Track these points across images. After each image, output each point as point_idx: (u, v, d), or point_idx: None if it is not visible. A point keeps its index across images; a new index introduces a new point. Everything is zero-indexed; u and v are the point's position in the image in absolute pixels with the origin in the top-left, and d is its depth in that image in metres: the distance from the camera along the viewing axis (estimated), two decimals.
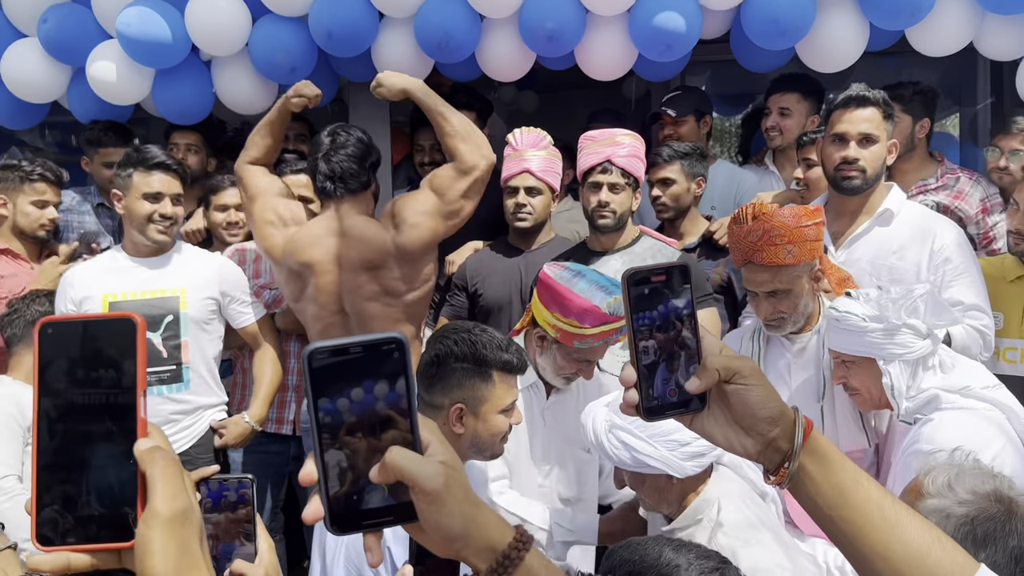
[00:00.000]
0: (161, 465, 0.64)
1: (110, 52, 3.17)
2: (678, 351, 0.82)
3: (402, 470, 0.66)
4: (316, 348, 0.65)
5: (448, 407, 1.76)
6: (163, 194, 2.65)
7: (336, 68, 3.40)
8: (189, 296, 2.71)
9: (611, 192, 2.60)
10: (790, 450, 0.82)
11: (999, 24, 2.96)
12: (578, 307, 2.02)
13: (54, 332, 0.66)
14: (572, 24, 2.98)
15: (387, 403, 0.67)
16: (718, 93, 4.21)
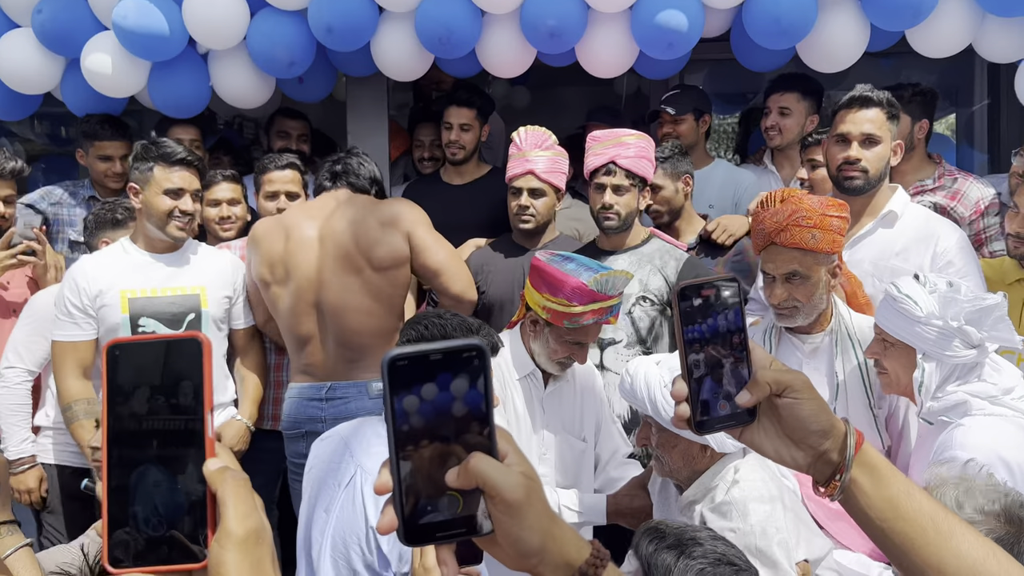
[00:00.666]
0: (232, 485, 0.64)
1: (105, 44, 3.12)
2: (728, 364, 0.82)
3: (484, 477, 0.64)
4: (396, 355, 0.64)
5: None
6: (184, 190, 2.62)
7: (335, 63, 3.37)
8: (209, 294, 2.71)
9: (615, 194, 2.59)
10: (841, 463, 0.82)
11: (999, 26, 2.96)
12: (566, 285, 2.09)
13: (122, 353, 0.66)
14: (574, 21, 2.97)
15: (466, 410, 0.66)
16: (716, 92, 4.20)
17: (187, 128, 3.38)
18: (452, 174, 3.46)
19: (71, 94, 3.33)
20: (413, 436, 0.65)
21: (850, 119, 2.49)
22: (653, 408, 1.76)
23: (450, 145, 3.37)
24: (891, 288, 1.92)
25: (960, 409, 1.83)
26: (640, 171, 2.60)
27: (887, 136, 2.48)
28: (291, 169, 3.02)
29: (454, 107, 3.34)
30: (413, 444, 0.65)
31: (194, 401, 0.66)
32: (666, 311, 2.58)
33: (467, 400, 0.66)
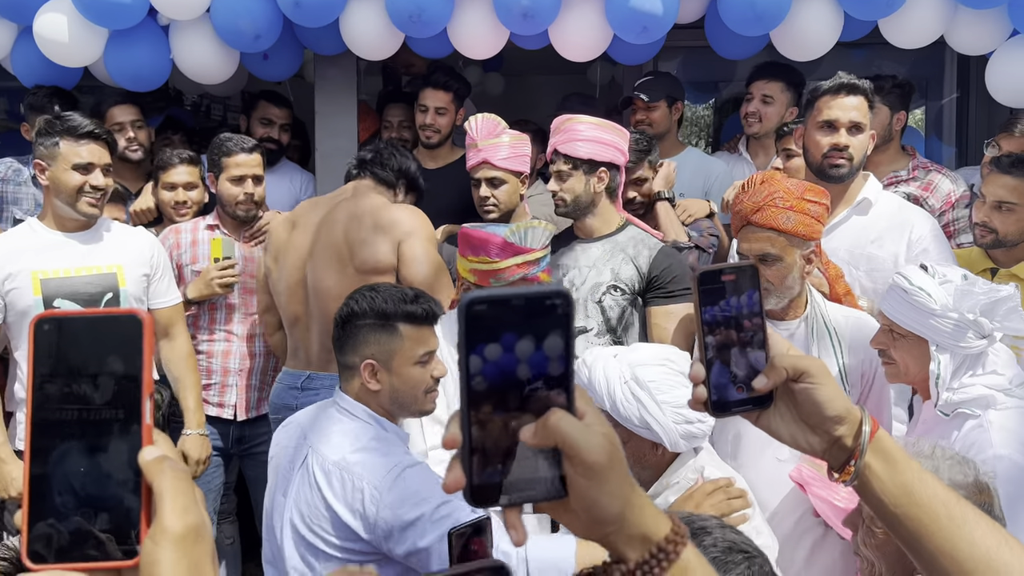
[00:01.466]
0: (171, 476, 0.58)
1: (61, 9, 3.01)
2: (746, 349, 0.83)
3: (564, 435, 0.59)
4: (475, 297, 0.59)
5: (360, 365, 1.81)
6: (94, 164, 2.50)
7: (302, 39, 3.29)
8: (126, 272, 2.62)
9: (558, 180, 2.56)
10: (856, 448, 0.82)
11: (971, 18, 2.99)
12: (487, 243, 2.13)
13: (51, 328, 0.59)
14: (548, 1, 2.92)
15: (545, 363, 0.60)
16: (689, 80, 4.19)
17: (128, 108, 3.25)
18: (425, 157, 3.40)
19: (22, 64, 3.21)
20: (487, 389, 0.60)
21: (837, 105, 2.48)
22: (611, 404, 1.72)
23: (425, 128, 3.31)
24: (901, 280, 1.88)
25: (982, 402, 1.82)
26: (582, 154, 2.53)
27: (868, 124, 2.50)
28: (256, 152, 2.93)
29: (430, 89, 3.28)
30: (486, 398, 0.60)
31: (131, 384, 0.60)
32: (637, 301, 2.55)
33: (547, 352, 0.60)
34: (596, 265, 2.55)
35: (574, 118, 2.59)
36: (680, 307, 2.50)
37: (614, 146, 2.59)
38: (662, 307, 2.50)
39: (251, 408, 2.98)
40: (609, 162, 2.57)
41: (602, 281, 2.52)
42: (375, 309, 1.80)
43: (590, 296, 2.52)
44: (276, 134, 3.52)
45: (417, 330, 1.83)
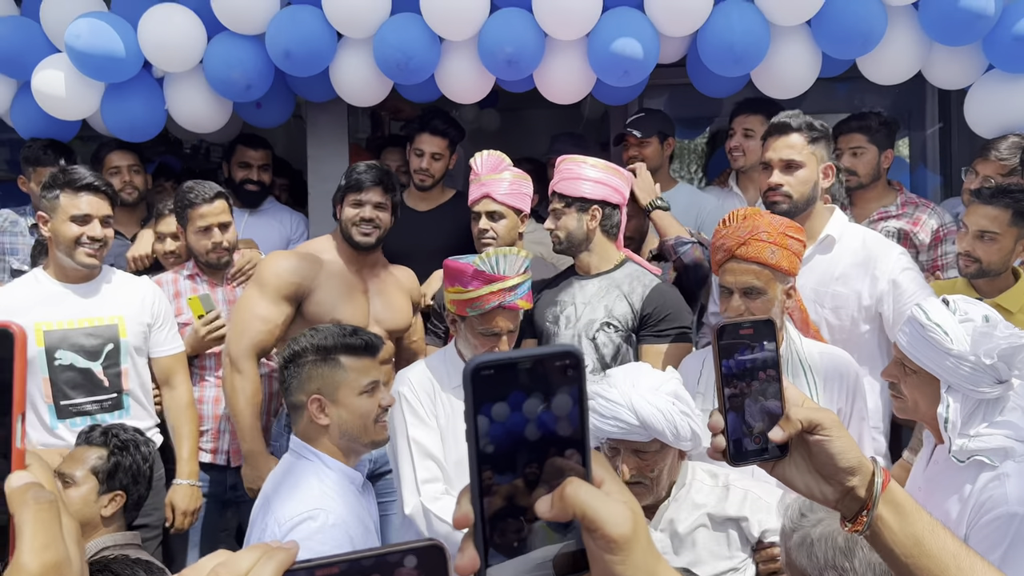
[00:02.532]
0: (33, 508, 0.54)
1: (58, 65, 3.09)
2: (762, 401, 0.87)
3: (584, 507, 0.55)
4: (481, 362, 0.56)
5: (306, 401, 1.85)
6: (92, 216, 2.56)
7: (293, 87, 3.36)
8: (127, 323, 2.66)
9: (553, 218, 2.63)
10: (868, 499, 0.85)
11: (946, 55, 3.04)
12: (461, 273, 2.18)
13: None
14: (531, 48, 2.99)
15: (558, 428, 0.57)
16: (676, 116, 4.24)
17: (125, 154, 3.32)
18: (416, 199, 3.45)
19: (21, 117, 3.28)
20: (497, 458, 0.56)
21: (770, 146, 2.54)
22: (674, 433, 1.81)
23: (419, 172, 3.36)
24: (919, 313, 1.78)
25: (1000, 453, 1.72)
26: (574, 192, 2.58)
27: (811, 160, 2.50)
28: (220, 199, 2.89)
29: (427, 135, 3.32)
30: (497, 468, 0.56)
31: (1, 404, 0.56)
32: (631, 338, 2.57)
33: (558, 415, 0.57)
34: (591, 302, 2.58)
35: (570, 158, 2.64)
36: (669, 348, 2.52)
37: (609, 185, 2.63)
38: (653, 347, 2.52)
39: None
40: (603, 200, 2.61)
41: (596, 318, 2.54)
42: (316, 345, 1.86)
43: (584, 333, 2.54)
44: (256, 175, 3.55)
45: (359, 361, 1.88)
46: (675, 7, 2.91)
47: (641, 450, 1.85)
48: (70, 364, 2.56)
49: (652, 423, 1.80)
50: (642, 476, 1.86)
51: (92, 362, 2.60)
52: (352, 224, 2.71)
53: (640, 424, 1.80)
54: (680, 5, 2.91)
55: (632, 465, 1.85)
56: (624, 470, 1.84)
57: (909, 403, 1.86)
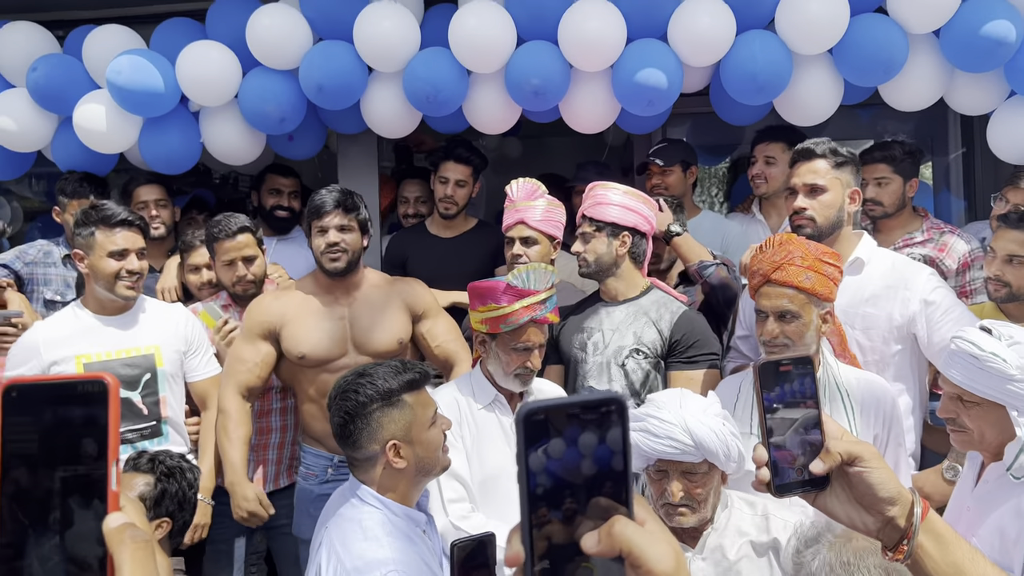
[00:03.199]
0: (131, 548, 0.59)
1: (98, 101, 3.19)
2: (803, 433, 0.91)
3: (631, 544, 0.58)
4: (532, 408, 0.59)
5: (383, 450, 1.81)
6: (128, 250, 2.64)
7: (325, 120, 3.45)
8: (163, 352, 2.73)
9: (582, 241, 2.67)
10: (908, 529, 0.88)
11: (968, 81, 3.06)
12: (493, 291, 2.24)
13: (19, 396, 0.61)
14: (557, 80, 3.05)
15: (604, 470, 0.60)
16: (698, 144, 4.28)
17: (152, 188, 3.40)
18: (440, 227, 3.52)
19: (61, 151, 3.38)
20: (547, 498, 0.59)
21: (795, 172, 2.58)
22: (726, 454, 1.85)
23: (444, 200, 3.42)
24: (967, 346, 1.77)
25: None
26: (606, 217, 2.63)
27: (835, 184, 2.54)
28: (243, 234, 2.95)
29: (452, 162, 3.40)
30: (547, 507, 0.59)
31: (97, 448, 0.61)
32: (660, 364, 2.59)
33: (604, 459, 0.60)
34: (619, 328, 2.60)
35: (603, 184, 2.70)
36: (699, 374, 2.54)
37: (640, 213, 2.68)
38: (683, 373, 2.55)
39: (269, 482, 3.01)
40: (633, 227, 2.65)
41: (625, 344, 2.57)
42: (379, 392, 1.82)
43: (613, 359, 2.57)
44: (286, 202, 3.65)
45: (419, 394, 1.87)
46: (698, 38, 2.97)
47: (690, 471, 1.87)
48: None
49: (706, 443, 1.83)
50: (690, 498, 1.87)
51: (131, 391, 2.65)
52: (320, 253, 2.74)
53: (694, 444, 1.83)
54: (703, 36, 2.96)
55: (681, 487, 1.87)
56: (674, 491, 1.86)
57: (975, 435, 1.83)
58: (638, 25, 3.02)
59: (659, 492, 1.90)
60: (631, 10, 2.99)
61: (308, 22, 3.16)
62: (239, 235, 2.92)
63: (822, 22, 2.91)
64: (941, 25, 2.96)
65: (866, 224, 3.26)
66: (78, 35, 3.36)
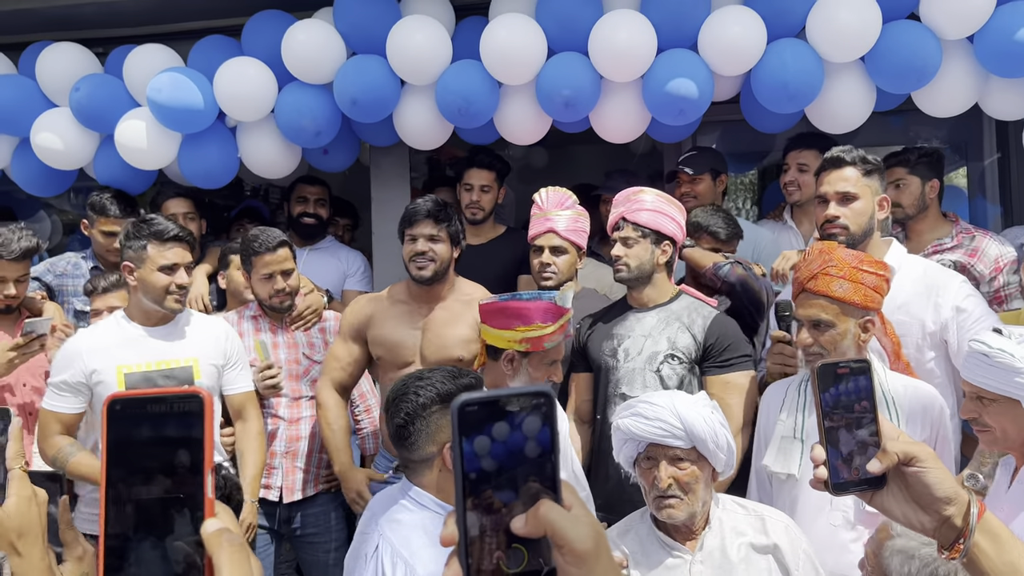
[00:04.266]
0: (228, 550, 0.64)
1: (139, 118, 3.28)
2: (860, 434, 0.94)
3: (555, 525, 0.63)
4: (466, 400, 0.64)
5: (440, 452, 1.84)
6: (178, 265, 2.70)
7: (358, 133, 3.51)
8: (201, 365, 2.77)
9: (623, 246, 2.65)
10: (965, 528, 0.90)
11: (1003, 86, 3.03)
12: (535, 311, 2.27)
13: (122, 409, 0.66)
14: (588, 90, 3.08)
15: (532, 458, 0.65)
16: (729, 152, 4.28)
17: (182, 201, 3.47)
18: (469, 234, 3.53)
19: (103, 168, 3.46)
20: (480, 484, 0.64)
21: (826, 180, 2.57)
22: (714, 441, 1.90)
23: (471, 205, 3.47)
24: (979, 346, 1.84)
25: None
26: (651, 224, 2.63)
27: (865, 192, 2.54)
28: (283, 248, 2.98)
29: (475, 169, 3.46)
30: (479, 492, 0.64)
31: (194, 458, 0.65)
32: (694, 368, 2.60)
33: (534, 447, 0.65)
34: (652, 334, 2.61)
35: (642, 190, 2.70)
36: (736, 375, 2.55)
37: (677, 222, 2.70)
38: (719, 377, 2.55)
39: (296, 490, 3.04)
40: (672, 237, 2.67)
41: (659, 350, 2.57)
42: (439, 395, 1.85)
43: (647, 366, 2.57)
44: (312, 208, 3.75)
45: None
46: (729, 48, 2.97)
47: (679, 458, 1.90)
48: None
49: (694, 427, 1.87)
50: (679, 487, 1.90)
51: None
52: (409, 259, 2.80)
53: (683, 427, 1.87)
54: (734, 45, 2.96)
55: (670, 474, 1.90)
56: (662, 478, 1.89)
57: (997, 432, 1.87)
58: (668, 35, 3.04)
59: (649, 482, 1.93)
60: (661, 20, 3.01)
61: (342, 37, 3.22)
62: (279, 249, 2.97)
63: (853, 30, 2.91)
64: (975, 31, 2.94)
65: (896, 232, 3.24)
66: (119, 55, 3.45)
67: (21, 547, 0.86)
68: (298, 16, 3.31)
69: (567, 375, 2.83)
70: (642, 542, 1.98)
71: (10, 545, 0.86)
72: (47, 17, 3.57)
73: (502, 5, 3.18)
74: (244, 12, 3.41)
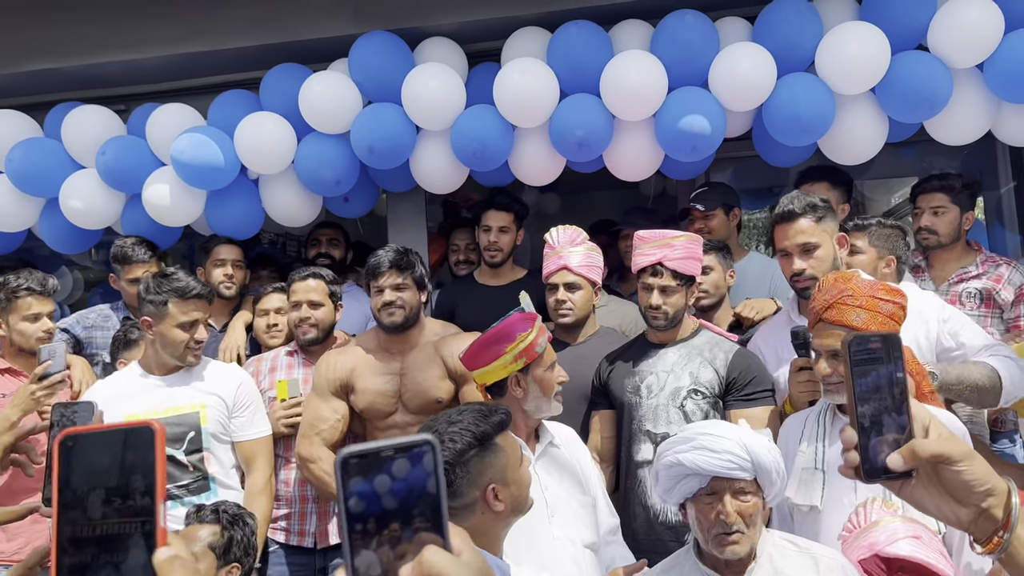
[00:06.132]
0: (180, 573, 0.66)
1: (164, 178, 3.35)
2: (891, 415, 0.88)
3: (440, 571, 0.63)
4: (348, 453, 0.65)
5: (482, 495, 1.81)
6: (198, 321, 2.74)
7: (375, 180, 3.56)
8: (208, 411, 2.77)
9: (663, 294, 2.63)
10: (1006, 520, 0.85)
11: (1015, 112, 3.05)
12: (512, 327, 2.29)
13: (75, 444, 0.67)
14: (601, 130, 3.12)
15: (419, 507, 0.66)
16: (743, 188, 4.30)
17: (232, 248, 3.53)
18: (488, 276, 3.56)
19: (130, 226, 3.53)
20: (368, 534, 0.65)
21: (782, 235, 2.58)
22: (778, 473, 1.86)
23: (489, 248, 3.49)
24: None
25: None
26: (687, 271, 2.64)
27: (823, 237, 2.55)
28: (313, 279, 3.08)
29: (493, 211, 3.48)
30: (368, 542, 0.65)
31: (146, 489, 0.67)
32: (718, 404, 2.58)
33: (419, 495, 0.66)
34: (674, 370, 2.60)
35: (676, 234, 2.70)
36: (759, 411, 2.53)
37: (700, 262, 2.73)
38: (743, 411, 2.53)
39: (332, 535, 3.01)
40: (695, 277, 2.71)
41: (682, 386, 2.57)
42: (475, 437, 1.82)
43: (671, 402, 2.56)
44: (324, 248, 3.82)
45: (507, 436, 1.87)
46: (739, 84, 3.01)
47: (741, 491, 1.85)
48: None
49: (761, 458, 1.82)
50: (743, 522, 1.84)
51: (175, 449, 2.71)
52: (377, 309, 2.85)
53: (750, 459, 1.82)
54: (744, 81, 3.00)
55: (735, 508, 1.84)
56: (730, 512, 1.83)
57: None
58: (679, 73, 3.08)
59: (711, 519, 1.85)
60: (672, 59, 3.06)
61: (357, 86, 3.29)
62: (309, 279, 3.07)
63: (862, 61, 2.94)
64: (984, 59, 2.96)
65: (919, 259, 3.22)
66: (140, 114, 3.54)
67: None
68: (314, 68, 3.39)
69: (587, 413, 2.81)
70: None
71: None
72: (71, 76, 3.67)
73: (514, 50, 3.25)
74: (261, 66, 3.50)
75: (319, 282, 3.08)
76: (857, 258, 2.94)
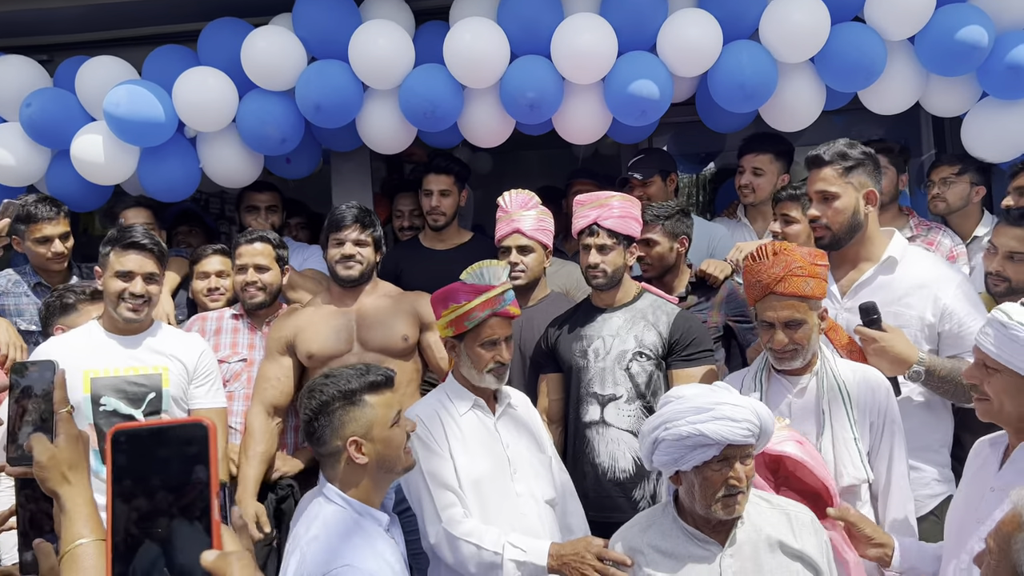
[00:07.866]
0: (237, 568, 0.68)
1: (94, 133, 3.19)
2: None
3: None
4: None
5: (344, 446, 1.90)
6: (134, 273, 2.65)
7: (320, 139, 3.48)
8: (171, 375, 2.74)
9: (600, 253, 2.69)
10: None
11: (943, 85, 3.21)
12: (451, 292, 2.35)
13: (126, 440, 0.68)
14: (551, 93, 3.13)
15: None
16: (683, 152, 4.40)
17: (140, 211, 3.39)
18: (434, 239, 3.55)
19: (56, 184, 3.36)
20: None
21: (809, 180, 2.64)
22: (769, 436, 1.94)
23: (432, 211, 3.47)
24: (999, 315, 1.82)
25: None
26: (624, 230, 2.71)
27: (846, 189, 2.56)
28: (260, 242, 3.07)
29: (433, 174, 3.45)
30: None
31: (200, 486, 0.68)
32: (661, 364, 2.67)
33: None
34: (619, 334, 2.67)
35: (611, 195, 2.75)
36: (700, 370, 2.63)
37: (639, 222, 2.78)
38: (684, 371, 2.63)
39: None
40: (634, 237, 2.76)
41: (627, 348, 2.64)
42: (341, 392, 1.91)
43: (617, 364, 2.63)
44: (263, 217, 3.56)
45: (381, 395, 1.95)
46: (687, 49, 3.07)
47: (748, 455, 1.90)
48: (113, 410, 2.62)
49: (767, 424, 1.89)
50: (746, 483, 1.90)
51: (135, 409, 2.66)
52: (335, 262, 2.89)
53: (759, 425, 1.87)
54: (692, 47, 3.06)
55: (748, 472, 1.89)
56: (741, 476, 1.87)
57: (995, 404, 1.88)
58: (628, 38, 3.11)
59: (719, 482, 1.87)
60: (621, 23, 3.08)
61: (302, 43, 3.20)
62: (256, 243, 3.05)
63: (805, 31, 3.03)
64: (916, 32, 3.09)
65: None
66: (68, 66, 3.35)
67: (72, 477, 0.99)
68: (254, 23, 3.27)
69: (535, 377, 2.87)
70: (666, 535, 1.98)
71: (62, 476, 1.00)
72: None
73: (462, 9, 3.21)
74: (195, 18, 3.35)
75: (266, 246, 3.06)
76: (792, 227, 3.04)
